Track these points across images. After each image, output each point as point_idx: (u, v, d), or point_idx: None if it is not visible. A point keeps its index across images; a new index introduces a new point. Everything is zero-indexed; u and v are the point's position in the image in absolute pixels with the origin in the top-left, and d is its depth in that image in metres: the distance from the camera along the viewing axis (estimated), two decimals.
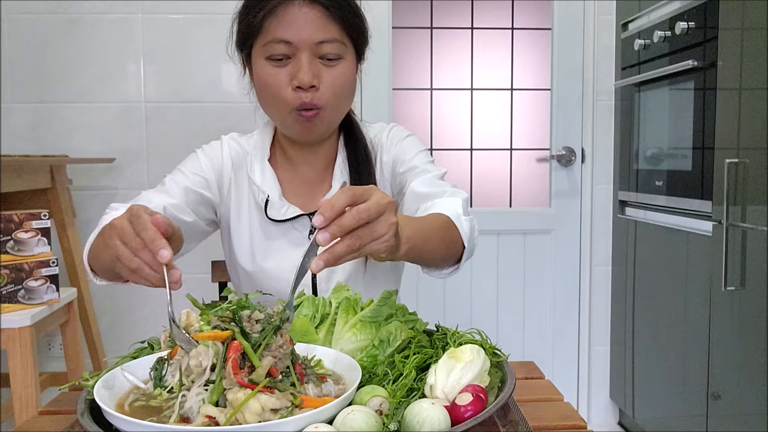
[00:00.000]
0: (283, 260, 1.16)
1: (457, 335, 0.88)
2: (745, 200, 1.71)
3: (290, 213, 1.15)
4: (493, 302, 2.55)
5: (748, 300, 1.73)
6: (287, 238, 1.17)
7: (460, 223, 1.00)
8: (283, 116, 1.10)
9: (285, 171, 1.20)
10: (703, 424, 1.85)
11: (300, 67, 1.04)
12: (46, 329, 1.88)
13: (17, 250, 1.75)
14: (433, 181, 1.12)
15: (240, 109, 2.36)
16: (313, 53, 1.05)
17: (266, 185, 1.16)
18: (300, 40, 1.03)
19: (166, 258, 0.71)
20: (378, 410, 0.70)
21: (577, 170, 2.53)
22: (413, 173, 1.15)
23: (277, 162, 1.21)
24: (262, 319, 0.73)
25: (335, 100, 1.08)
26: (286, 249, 1.17)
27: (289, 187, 1.19)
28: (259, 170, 1.17)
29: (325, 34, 1.04)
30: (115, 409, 0.68)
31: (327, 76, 1.06)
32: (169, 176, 1.19)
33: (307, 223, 1.17)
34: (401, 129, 1.25)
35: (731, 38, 1.73)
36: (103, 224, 0.96)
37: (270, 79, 1.06)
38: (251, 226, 1.18)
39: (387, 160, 1.21)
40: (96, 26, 2.30)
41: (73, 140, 2.32)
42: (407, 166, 1.17)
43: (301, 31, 1.03)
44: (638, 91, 2.25)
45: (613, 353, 2.52)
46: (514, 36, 2.53)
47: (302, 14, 1.03)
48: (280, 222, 1.16)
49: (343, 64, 1.08)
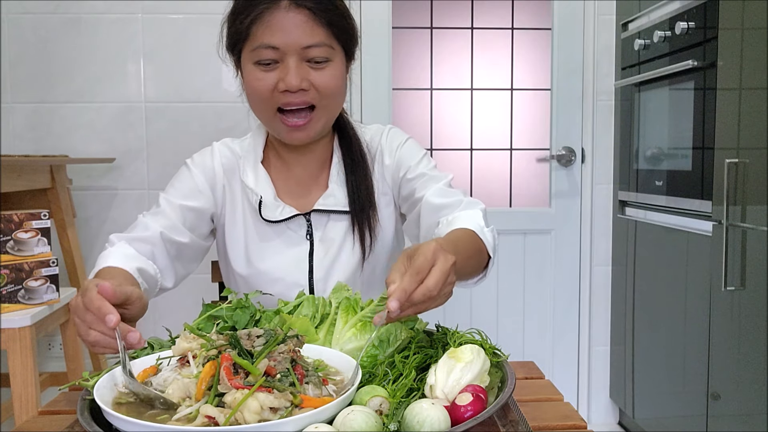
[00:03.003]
0: (278, 261, 1.16)
1: (457, 335, 0.88)
2: (745, 200, 1.71)
3: (286, 213, 1.15)
4: (493, 302, 2.55)
5: (748, 300, 1.73)
6: (282, 238, 1.17)
7: (485, 236, 1.03)
8: (271, 119, 1.11)
9: (279, 172, 1.21)
10: (703, 424, 1.85)
11: (288, 72, 1.04)
12: (46, 329, 1.88)
13: (17, 250, 1.75)
14: (446, 191, 1.14)
15: (240, 109, 2.36)
16: (301, 57, 1.05)
17: (260, 187, 1.17)
18: (287, 45, 1.04)
19: (112, 322, 0.76)
20: (378, 410, 0.70)
21: (577, 170, 2.53)
22: (422, 181, 1.17)
23: (271, 163, 1.21)
24: (262, 334, 0.73)
25: (324, 102, 1.09)
26: (281, 249, 1.17)
27: (284, 187, 1.19)
28: (252, 173, 1.18)
29: (311, 39, 1.04)
30: (115, 408, 0.68)
31: (315, 79, 1.07)
32: (163, 195, 1.18)
33: (302, 223, 1.17)
34: (398, 131, 1.25)
35: (731, 38, 1.73)
36: (101, 261, 1.06)
37: (258, 84, 1.07)
38: (246, 229, 1.18)
39: (389, 163, 1.21)
40: (96, 26, 2.30)
41: (73, 140, 2.32)
42: (414, 173, 1.18)
43: (287, 36, 1.03)
44: (638, 91, 2.25)
45: (613, 353, 2.52)
46: (514, 36, 2.53)
47: (288, 19, 1.03)
48: (274, 223, 1.16)
49: (331, 66, 1.08)
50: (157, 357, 0.80)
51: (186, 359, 0.74)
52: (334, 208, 1.16)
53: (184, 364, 0.74)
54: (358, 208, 1.16)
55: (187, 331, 0.78)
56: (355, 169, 1.17)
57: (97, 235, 2.35)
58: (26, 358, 1.72)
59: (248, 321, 0.91)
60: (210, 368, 0.68)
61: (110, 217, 2.34)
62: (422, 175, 1.17)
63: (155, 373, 0.76)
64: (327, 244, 1.17)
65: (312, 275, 1.17)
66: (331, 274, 1.17)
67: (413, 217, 1.19)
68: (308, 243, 1.17)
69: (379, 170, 1.21)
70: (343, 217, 1.18)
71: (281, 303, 0.96)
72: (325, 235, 1.18)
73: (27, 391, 1.73)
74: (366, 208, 1.16)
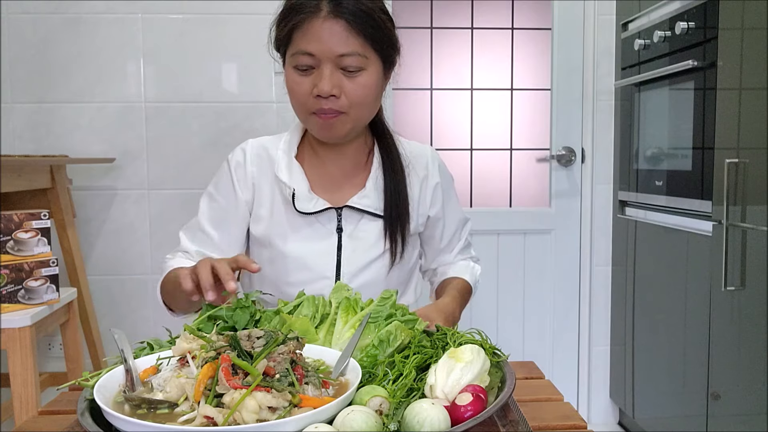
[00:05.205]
0: (303, 248, 1.20)
1: (457, 335, 0.88)
2: (745, 200, 1.71)
3: (319, 206, 1.19)
4: (493, 302, 2.55)
5: (748, 300, 1.73)
6: (311, 229, 1.21)
7: (475, 286, 1.35)
8: (306, 118, 1.17)
9: (313, 167, 1.25)
10: (703, 424, 1.85)
11: (321, 78, 1.10)
12: (46, 329, 1.88)
13: (17, 250, 1.75)
14: (463, 251, 1.39)
15: (240, 109, 2.36)
16: (335, 65, 1.10)
17: (294, 181, 1.21)
18: (322, 53, 1.09)
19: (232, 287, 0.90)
20: (378, 410, 0.70)
21: (577, 170, 2.53)
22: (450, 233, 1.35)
23: (305, 159, 1.26)
24: (262, 335, 0.73)
25: (355, 108, 1.14)
26: (309, 239, 1.21)
27: (317, 182, 1.24)
28: (286, 168, 1.22)
29: (346, 48, 1.09)
30: (115, 408, 0.68)
31: (347, 86, 1.11)
32: (204, 202, 1.26)
33: (332, 217, 1.21)
34: (445, 165, 1.36)
35: (731, 38, 1.73)
36: (168, 268, 1.18)
37: (295, 86, 1.14)
38: (276, 216, 1.22)
39: (435, 184, 1.30)
40: (96, 26, 2.30)
41: (73, 140, 2.32)
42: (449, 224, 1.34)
43: (323, 44, 1.08)
44: (638, 91, 2.25)
45: (613, 353, 2.52)
46: (514, 36, 2.53)
47: (325, 28, 1.08)
48: (306, 214, 1.20)
49: (364, 74, 1.12)
50: (157, 357, 0.81)
51: (186, 360, 0.74)
52: (368, 209, 1.21)
53: (184, 364, 0.74)
54: (394, 215, 1.21)
55: (187, 332, 0.78)
56: (395, 177, 1.23)
57: (97, 235, 2.35)
58: (26, 358, 1.72)
59: (248, 321, 0.91)
60: (208, 370, 0.68)
61: (110, 217, 2.34)
62: (455, 233, 1.36)
63: (155, 373, 0.77)
64: (356, 243, 1.21)
65: (339, 270, 1.20)
66: (360, 275, 1.21)
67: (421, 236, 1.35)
68: (336, 237, 1.21)
69: (420, 185, 1.29)
70: (375, 219, 1.22)
71: (281, 303, 0.96)
72: (355, 233, 1.21)
73: (27, 391, 1.73)
74: (403, 215, 1.22)
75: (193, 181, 2.35)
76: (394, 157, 1.25)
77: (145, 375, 0.76)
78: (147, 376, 0.76)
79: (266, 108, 2.37)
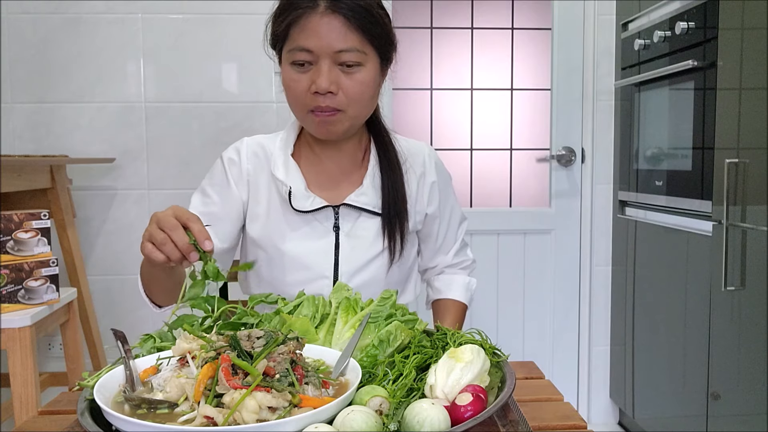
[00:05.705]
0: (301, 247, 1.19)
1: (457, 335, 0.88)
2: (745, 200, 1.71)
3: (316, 204, 1.18)
4: (493, 302, 2.55)
5: (748, 300, 1.73)
6: (309, 227, 1.20)
7: (470, 302, 1.37)
8: (303, 116, 1.16)
9: (310, 165, 1.24)
10: (703, 424, 1.85)
11: (319, 74, 1.09)
12: (46, 329, 1.88)
13: (17, 250, 1.75)
14: (459, 252, 1.38)
15: (240, 109, 2.36)
16: (333, 61, 1.09)
17: (290, 179, 1.20)
18: (320, 48, 1.08)
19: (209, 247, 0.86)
20: (378, 410, 0.70)
21: (577, 170, 2.53)
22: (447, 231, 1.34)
23: (302, 157, 1.25)
24: (263, 336, 0.73)
25: (353, 105, 1.13)
26: (306, 238, 1.20)
27: (314, 180, 1.23)
28: (283, 166, 1.21)
29: (344, 43, 1.08)
30: (115, 408, 0.68)
31: (345, 83, 1.10)
32: (197, 198, 1.23)
33: (329, 215, 1.20)
34: (442, 162, 1.34)
35: (731, 38, 1.73)
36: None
37: (292, 83, 1.12)
38: (273, 215, 1.21)
39: (431, 182, 1.29)
40: (96, 26, 2.30)
41: (73, 140, 2.32)
42: (446, 222, 1.33)
43: (321, 39, 1.07)
44: (638, 91, 2.25)
45: (613, 353, 2.52)
46: (514, 36, 2.53)
47: (323, 24, 1.07)
48: (303, 213, 1.19)
49: (362, 71, 1.11)
50: (157, 357, 0.81)
51: (186, 360, 0.74)
52: (366, 207, 1.20)
53: (184, 364, 0.74)
54: (392, 213, 1.20)
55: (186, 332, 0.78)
56: (392, 174, 1.22)
57: (97, 235, 2.35)
58: (26, 358, 1.72)
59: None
60: (208, 370, 0.68)
61: (110, 217, 2.34)
62: (451, 232, 1.35)
63: (155, 373, 0.77)
64: (354, 241, 1.20)
65: (337, 268, 1.19)
66: (359, 274, 1.20)
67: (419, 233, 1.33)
68: (334, 235, 1.20)
69: (418, 182, 1.27)
70: (373, 217, 1.21)
71: (281, 303, 0.96)
72: (353, 232, 1.21)
73: (27, 391, 1.73)
74: (401, 212, 1.21)
75: (193, 181, 2.35)
76: (391, 154, 1.24)
77: (145, 375, 0.76)
78: (147, 376, 0.76)
79: (266, 108, 2.37)
